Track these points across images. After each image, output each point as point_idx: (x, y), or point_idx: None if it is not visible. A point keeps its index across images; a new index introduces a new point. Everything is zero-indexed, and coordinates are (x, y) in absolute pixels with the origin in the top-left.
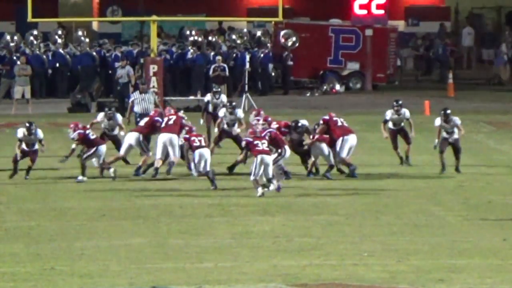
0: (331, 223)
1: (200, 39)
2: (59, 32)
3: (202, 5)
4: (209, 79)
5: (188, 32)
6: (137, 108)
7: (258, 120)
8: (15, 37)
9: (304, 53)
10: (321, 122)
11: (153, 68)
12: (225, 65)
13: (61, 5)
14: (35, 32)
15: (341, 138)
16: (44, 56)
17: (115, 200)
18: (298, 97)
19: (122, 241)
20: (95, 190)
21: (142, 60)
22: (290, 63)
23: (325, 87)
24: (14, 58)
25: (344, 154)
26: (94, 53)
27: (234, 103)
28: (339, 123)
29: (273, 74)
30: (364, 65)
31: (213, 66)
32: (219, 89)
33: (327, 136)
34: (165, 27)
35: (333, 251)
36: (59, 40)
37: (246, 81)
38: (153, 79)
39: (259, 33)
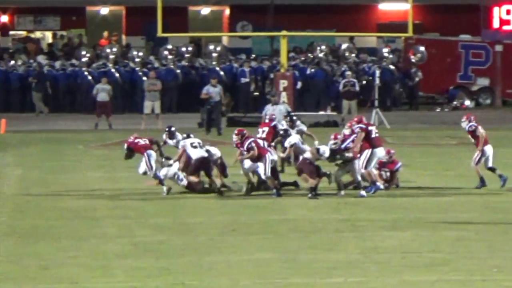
0: (460, 239)
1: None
2: (190, 48)
3: (332, 20)
4: (340, 95)
5: (318, 48)
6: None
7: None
8: (141, 53)
9: (433, 69)
10: (359, 129)
11: (283, 83)
12: (355, 81)
13: (191, 20)
14: (170, 46)
15: (369, 150)
16: (178, 71)
17: (245, 215)
18: (428, 113)
19: (252, 256)
20: (224, 205)
21: (272, 75)
22: (418, 78)
23: (454, 103)
24: (139, 73)
25: (371, 167)
26: (219, 69)
27: None
28: (374, 134)
29: (400, 89)
30: (494, 80)
31: (343, 82)
32: (295, 118)
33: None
34: (294, 42)
35: (462, 267)
36: (186, 55)
37: (376, 96)
38: (283, 94)
39: (385, 50)
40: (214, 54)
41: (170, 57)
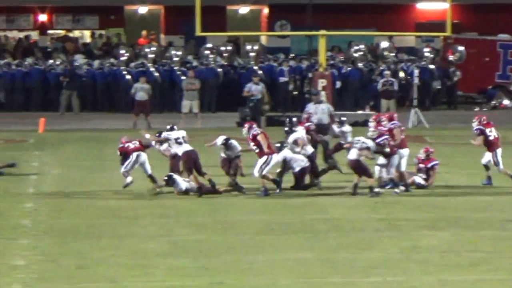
0: (500, 238)
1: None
2: (228, 47)
3: (371, 20)
4: (378, 94)
5: (355, 47)
6: (313, 119)
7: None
8: (179, 52)
9: (472, 68)
10: (393, 126)
11: (321, 83)
12: (394, 80)
13: (229, 19)
14: (210, 45)
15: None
16: (220, 70)
17: (283, 214)
18: (466, 112)
19: (291, 255)
20: (263, 204)
21: (310, 75)
22: (457, 78)
23: (493, 102)
24: (178, 72)
25: (403, 168)
26: (257, 68)
27: None
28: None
29: (438, 87)
30: None
31: (381, 81)
32: (344, 119)
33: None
34: (333, 42)
35: (502, 266)
36: (225, 54)
37: (415, 96)
38: (322, 93)
39: (426, 50)
40: (252, 54)
41: (211, 56)
